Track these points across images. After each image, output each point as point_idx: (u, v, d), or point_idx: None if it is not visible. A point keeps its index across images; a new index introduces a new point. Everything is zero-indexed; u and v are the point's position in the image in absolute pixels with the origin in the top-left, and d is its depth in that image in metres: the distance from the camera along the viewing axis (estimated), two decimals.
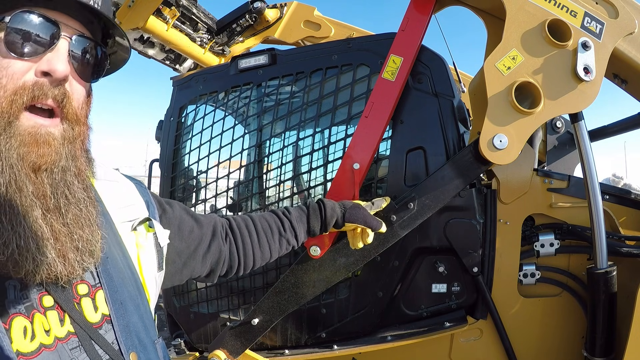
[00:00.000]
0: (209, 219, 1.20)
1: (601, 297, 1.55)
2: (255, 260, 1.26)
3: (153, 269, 0.91)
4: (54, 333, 0.66)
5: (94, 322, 0.72)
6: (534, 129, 1.46)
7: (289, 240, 1.31)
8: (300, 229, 1.33)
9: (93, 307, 0.73)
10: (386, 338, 1.80)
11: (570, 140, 2.89)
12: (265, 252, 1.28)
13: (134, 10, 2.40)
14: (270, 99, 2.03)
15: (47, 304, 0.67)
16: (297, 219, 1.33)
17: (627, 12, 1.47)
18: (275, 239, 1.29)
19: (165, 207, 1.05)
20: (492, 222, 1.80)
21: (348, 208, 1.38)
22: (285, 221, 1.32)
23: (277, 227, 1.31)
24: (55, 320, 0.67)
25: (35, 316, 0.65)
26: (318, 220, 1.35)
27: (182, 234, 1.06)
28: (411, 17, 1.71)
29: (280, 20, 2.95)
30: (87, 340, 0.69)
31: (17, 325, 0.62)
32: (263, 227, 1.29)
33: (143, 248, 0.88)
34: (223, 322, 2.00)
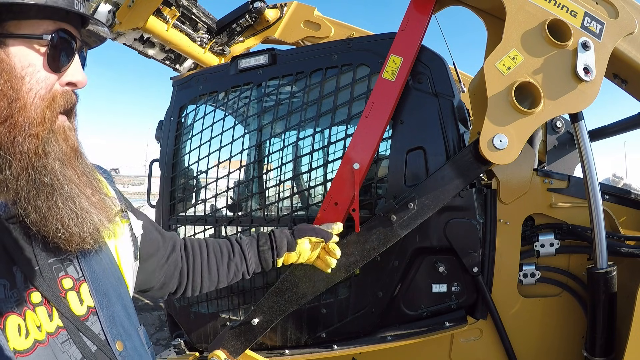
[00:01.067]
0: (171, 234, 1.26)
1: (601, 297, 1.55)
2: (203, 280, 1.29)
3: (130, 258, 0.95)
4: (45, 328, 0.70)
5: (81, 314, 0.76)
6: (534, 129, 1.46)
7: (237, 265, 1.34)
8: (250, 254, 1.37)
9: (79, 300, 0.77)
10: (386, 338, 1.80)
11: (570, 140, 2.89)
12: (213, 274, 1.31)
13: (134, 10, 2.40)
14: (270, 99, 2.03)
15: (36, 300, 0.71)
16: (247, 244, 1.38)
17: (627, 12, 1.47)
18: (224, 262, 1.33)
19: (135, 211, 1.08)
20: (492, 222, 1.80)
21: (295, 228, 1.45)
22: (236, 246, 1.37)
23: (227, 251, 1.35)
24: (45, 316, 0.71)
25: (27, 313, 0.68)
26: (268, 244, 1.39)
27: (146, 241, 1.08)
28: (411, 17, 1.71)
29: (280, 20, 2.95)
30: (76, 333, 0.74)
31: (11, 324, 0.65)
32: (214, 249, 1.33)
33: (119, 238, 0.92)
34: (223, 322, 2.00)
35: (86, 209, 0.73)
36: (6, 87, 0.67)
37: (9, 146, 0.67)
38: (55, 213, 0.69)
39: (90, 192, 0.76)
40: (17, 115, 0.68)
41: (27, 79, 0.69)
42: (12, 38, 0.68)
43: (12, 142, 0.67)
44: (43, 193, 0.69)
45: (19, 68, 0.69)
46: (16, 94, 0.68)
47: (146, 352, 0.89)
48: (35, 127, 0.69)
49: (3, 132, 0.67)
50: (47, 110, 0.71)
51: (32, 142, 0.68)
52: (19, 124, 0.68)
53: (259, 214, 2.01)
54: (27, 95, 0.69)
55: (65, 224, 0.70)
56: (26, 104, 0.68)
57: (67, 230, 0.70)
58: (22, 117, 0.68)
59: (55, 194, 0.70)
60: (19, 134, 0.67)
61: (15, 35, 0.69)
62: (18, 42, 0.69)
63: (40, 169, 0.69)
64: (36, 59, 0.70)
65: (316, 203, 1.89)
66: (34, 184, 0.68)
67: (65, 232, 0.70)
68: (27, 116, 0.68)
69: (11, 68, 0.68)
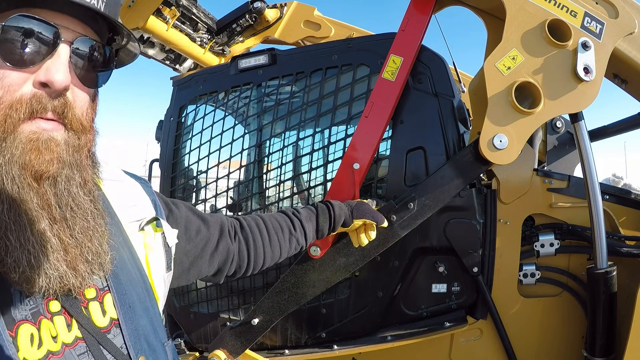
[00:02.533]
0: (216, 218, 1.18)
1: (601, 297, 1.55)
2: (266, 258, 1.25)
3: (162, 269, 0.89)
4: (61, 339, 0.65)
5: (102, 326, 0.71)
6: (534, 129, 1.46)
7: (298, 240, 1.31)
8: (309, 228, 1.33)
9: (101, 311, 0.72)
10: (386, 338, 1.80)
11: (570, 140, 2.89)
12: (276, 250, 1.27)
13: (134, 10, 2.40)
14: (270, 99, 2.03)
15: (54, 309, 0.66)
16: (306, 218, 1.34)
17: (627, 12, 1.47)
18: (286, 237, 1.29)
19: (171, 207, 1.03)
20: (492, 222, 1.80)
21: (354, 206, 1.41)
22: (296, 220, 1.32)
23: (287, 227, 1.30)
24: (63, 326, 0.66)
25: (42, 322, 0.64)
26: (327, 219, 1.36)
27: (189, 234, 1.04)
28: (411, 17, 1.71)
29: (280, 20, 2.95)
30: (95, 346, 0.68)
31: (23, 333, 0.61)
32: (274, 226, 1.28)
33: (151, 248, 0.86)
34: (223, 322, 2.00)
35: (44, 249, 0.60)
36: None
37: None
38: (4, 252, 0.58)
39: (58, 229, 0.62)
40: None
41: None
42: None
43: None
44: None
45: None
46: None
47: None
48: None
49: None
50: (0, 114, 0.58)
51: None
52: None
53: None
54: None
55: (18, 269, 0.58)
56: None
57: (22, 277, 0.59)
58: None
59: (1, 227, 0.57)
60: None
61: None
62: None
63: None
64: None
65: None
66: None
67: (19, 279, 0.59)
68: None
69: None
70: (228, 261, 1.17)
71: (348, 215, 1.38)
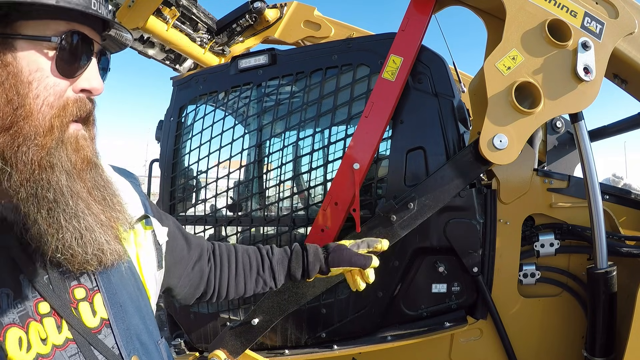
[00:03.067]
0: (198, 240, 1.19)
1: (601, 297, 1.55)
2: (229, 292, 1.24)
3: (153, 267, 0.90)
4: (51, 341, 0.66)
5: (93, 327, 0.71)
6: (534, 129, 1.46)
7: (265, 281, 1.28)
8: (280, 272, 1.29)
9: (91, 312, 0.72)
10: (386, 338, 1.80)
11: (570, 140, 2.89)
12: (240, 287, 1.26)
13: (134, 10, 2.40)
14: (270, 99, 2.03)
15: (43, 310, 0.67)
16: (278, 261, 1.29)
17: (627, 12, 1.47)
18: (253, 277, 1.27)
19: (162, 216, 1.03)
20: (492, 222, 1.80)
21: (331, 252, 1.29)
22: (266, 261, 1.28)
23: (256, 265, 1.28)
24: (53, 328, 0.67)
25: (31, 325, 0.64)
26: (299, 266, 1.29)
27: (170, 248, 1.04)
28: (411, 17, 1.71)
29: (280, 20, 2.95)
30: (86, 346, 0.69)
31: (11, 337, 0.62)
32: (243, 261, 1.27)
33: (142, 246, 0.87)
34: (223, 322, 2.00)
35: (91, 228, 0.67)
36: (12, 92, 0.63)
37: (12, 155, 0.62)
38: (56, 231, 0.64)
39: (100, 209, 0.70)
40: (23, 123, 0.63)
41: (34, 84, 0.64)
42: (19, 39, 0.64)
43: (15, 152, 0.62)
44: (44, 209, 0.63)
45: (26, 72, 0.64)
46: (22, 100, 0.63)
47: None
48: (42, 137, 0.64)
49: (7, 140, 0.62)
50: (55, 119, 0.65)
51: (37, 153, 0.63)
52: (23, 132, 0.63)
53: (259, 214, 2.01)
54: (34, 102, 0.64)
55: (67, 244, 0.64)
56: (32, 111, 0.64)
57: (68, 250, 0.65)
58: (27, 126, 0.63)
59: (58, 211, 0.64)
60: (24, 143, 0.63)
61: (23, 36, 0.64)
62: (26, 45, 0.64)
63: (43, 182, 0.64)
64: (45, 63, 0.65)
65: (316, 203, 1.89)
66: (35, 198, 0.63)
67: (66, 252, 0.65)
68: (33, 125, 0.64)
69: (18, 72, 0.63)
70: (201, 284, 1.17)
71: (323, 263, 1.28)
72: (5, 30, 0.63)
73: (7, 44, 0.63)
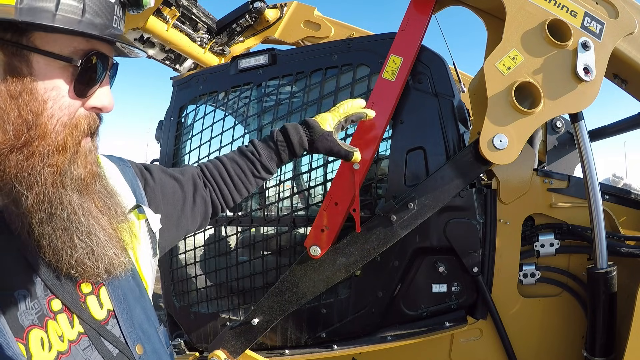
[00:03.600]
0: (187, 173, 1.18)
1: (601, 297, 1.55)
2: (234, 200, 1.26)
3: (148, 256, 0.91)
4: (67, 337, 0.67)
5: (101, 318, 0.74)
6: (534, 129, 1.46)
7: (263, 177, 1.29)
8: (272, 165, 1.28)
9: (98, 304, 0.75)
10: (386, 338, 1.80)
11: (570, 140, 2.89)
12: (242, 191, 1.26)
13: None
14: (270, 99, 2.03)
15: (56, 307, 0.68)
16: (268, 157, 1.27)
17: (627, 12, 1.47)
18: (250, 180, 1.27)
19: (146, 176, 1.03)
20: (492, 222, 1.80)
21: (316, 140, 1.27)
22: (257, 163, 1.26)
23: (249, 170, 1.27)
24: (66, 323, 0.68)
25: (49, 324, 0.65)
26: (286, 152, 1.28)
27: (166, 199, 1.05)
28: (411, 17, 1.71)
29: (280, 20, 2.95)
30: (97, 338, 0.71)
31: (34, 338, 0.62)
32: (235, 171, 1.25)
33: (136, 237, 0.88)
34: (223, 322, 2.00)
35: (102, 244, 0.68)
36: (25, 110, 0.60)
37: (27, 176, 0.61)
38: (70, 249, 0.65)
39: (107, 220, 0.71)
40: (37, 143, 0.61)
41: (49, 103, 0.62)
42: (36, 53, 0.60)
43: (29, 172, 0.61)
44: (58, 228, 0.64)
45: (42, 90, 0.61)
46: (36, 119, 0.61)
47: (165, 353, 0.87)
48: (56, 156, 0.63)
49: (20, 159, 0.60)
50: (68, 138, 0.64)
51: (50, 173, 0.62)
52: (37, 152, 0.61)
53: (259, 214, 2.01)
54: (49, 122, 0.62)
55: (80, 260, 0.66)
56: (47, 131, 0.62)
57: (81, 266, 0.66)
58: (41, 145, 0.61)
59: (72, 229, 0.65)
60: (37, 163, 0.61)
61: (41, 51, 0.60)
62: (43, 60, 0.61)
63: (57, 202, 0.63)
64: (62, 83, 0.63)
65: (316, 203, 1.89)
66: (50, 218, 0.63)
67: (79, 268, 0.66)
68: (47, 144, 0.62)
69: (33, 88, 0.60)
70: (207, 210, 1.19)
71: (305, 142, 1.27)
72: (20, 40, 0.60)
73: (22, 55, 0.60)
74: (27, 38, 0.60)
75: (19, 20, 0.56)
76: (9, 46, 0.59)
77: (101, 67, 0.67)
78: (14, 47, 0.59)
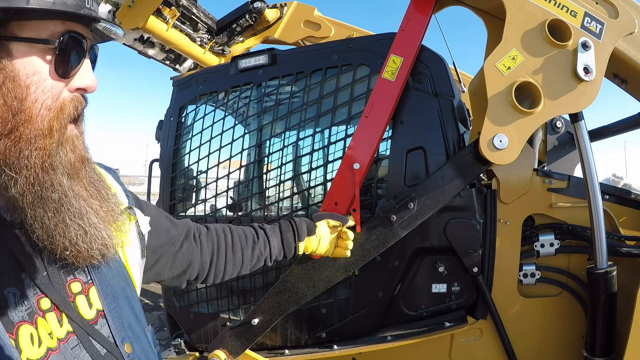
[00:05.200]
0: (184, 221, 1.22)
1: (601, 297, 1.55)
2: (227, 265, 1.26)
3: (137, 257, 0.92)
4: (56, 335, 0.68)
5: (90, 318, 0.74)
6: (534, 129, 1.46)
7: (261, 249, 1.33)
8: (273, 239, 1.36)
9: (87, 304, 0.75)
10: (386, 338, 1.80)
11: (570, 140, 2.89)
12: (237, 258, 1.28)
13: (134, 10, 2.40)
14: (270, 99, 2.03)
15: (45, 306, 0.68)
16: (270, 229, 1.38)
17: (627, 12, 1.47)
18: (249, 245, 1.31)
19: (142, 204, 1.05)
20: (492, 222, 1.80)
21: (313, 215, 1.48)
22: (259, 231, 1.36)
23: (251, 235, 1.34)
24: (55, 322, 0.69)
25: (38, 321, 0.66)
26: (289, 228, 1.39)
27: (157, 232, 1.06)
28: (411, 17, 1.71)
29: (280, 20, 2.95)
30: (86, 337, 0.72)
31: (24, 334, 0.63)
32: (238, 234, 1.32)
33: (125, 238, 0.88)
34: (223, 322, 2.00)
35: (95, 224, 0.70)
36: (9, 97, 0.62)
37: (15, 161, 0.63)
38: (63, 230, 0.66)
39: (97, 204, 0.73)
40: (23, 128, 0.63)
41: (32, 88, 0.64)
42: (15, 42, 0.62)
43: (17, 157, 0.63)
44: (50, 210, 0.65)
45: (24, 76, 0.63)
46: (20, 104, 0.63)
47: (153, 352, 0.87)
48: (42, 139, 0.64)
49: (8, 145, 0.62)
50: (54, 121, 0.66)
51: (39, 156, 0.64)
52: (24, 137, 0.63)
53: (259, 214, 2.01)
54: (33, 106, 0.64)
55: (73, 241, 0.67)
56: (32, 115, 0.64)
57: (75, 247, 0.67)
58: (27, 130, 0.63)
59: (63, 210, 0.66)
60: (25, 147, 0.63)
61: (18, 38, 0.63)
62: (22, 47, 0.63)
63: (47, 184, 0.65)
64: (42, 66, 0.65)
65: (316, 203, 1.89)
66: (41, 201, 0.65)
67: (73, 249, 0.67)
68: (33, 128, 0.64)
69: (15, 76, 0.62)
70: (192, 264, 1.18)
71: (309, 221, 1.43)
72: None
73: (2, 46, 0.62)
74: (5, 29, 0.62)
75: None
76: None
77: (79, 46, 0.68)
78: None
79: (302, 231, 1.40)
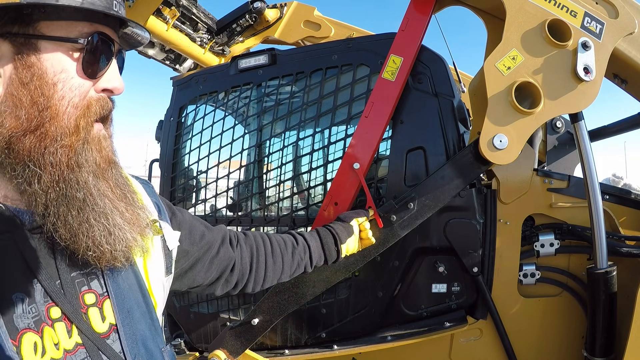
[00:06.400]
0: (219, 227, 1.20)
1: (601, 297, 1.55)
2: (267, 271, 1.24)
3: (160, 273, 0.89)
4: (63, 346, 0.66)
5: (102, 332, 0.72)
6: (534, 129, 1.46)
7: (301, 255, 1.32)
8: (313, 244, 1.35)
9: (100, 317, 0.72)
10: (386, 338, 1.80)
11: (570, 140, 2.89)
12: (278, 264, 1.26)
13: (134, 10, 2.39)
14: (270, 99, 2.03)
15: (55, 315, 0.66)
16: (308, 235, 1.37)
17: (627, 12, 1.47)
18: (289, 251, 1.30)
19: (175, 211, 1.03)
20: (492, 222, 1.80)
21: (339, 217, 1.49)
22: (298, 237, 1.35)
23: (290, 241, 1.32)
24: (63, 332, 0.67)
25: (45, 330, 0.64)
26: (328, 233, 1.39)
27: (192, 238, 1.04)
28: (411, 17, 1.71)
29: (280, 20, 2.95)
30: (95, 351, 0.69)
31: (27, 342, 0.61)
32: (277, 239, 1.30)
33: (149, 252, 0.85)
34: (223, 322, 2.00)
35: (119, 225, 0.69)
36: (37, 94, 0.63)
37: (40, 157, 0.63)
38: (87, 230, 0.66)
39: (123, 206, 0.72)
40: (49, 125, 0.63)
41: (59, 85, 0.64)
42: (44, 40, 0.63)
43: (42, 153, 0.63)
44: (74, 208, 0.65)
45: (51, 74, 0.64)
46: (47, 101, 0.63)
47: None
48: (69, 137, 0.65)
49: (33, 142, 0.63)
50: (81, 119, 0.66)
51: (64, 154, 0.64)
52: (50, 133, 0.63)
53: (259, 214, 2.01)
54: (60, 104, 0.64)
55: (97, 241, 0.66)
56: (58, 112, 0.64)
57: (99, 247, 0.66)
58: (53, 127, 0.64)
59: (87, 210, 0.66)
60: (51, 144, 0.63)
61: (47, 37, 0.64)
62: (50, 45, 0.64)
63: (72, 182, 0.65)
64: (70, 64, 0.66)
65: (316, 203, 1.89)
66: (65, 199, 0.64)
67: (97, 250, 0.66)
68: (59, 125, 0.64)
69: (42, 73, 0.63)
70: (228, 268, 1.16)
71: (342, 224, 1.44)
72: (27, 30, 0.63)
73: (30, 44, 0.63)
74: (34, 28, 0.63)
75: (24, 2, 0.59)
76: (17, 38, 0.63)
77: (107, 48, 0.69)
78: (23, 37, 0.63)
79: (342, 234, 1.39)
